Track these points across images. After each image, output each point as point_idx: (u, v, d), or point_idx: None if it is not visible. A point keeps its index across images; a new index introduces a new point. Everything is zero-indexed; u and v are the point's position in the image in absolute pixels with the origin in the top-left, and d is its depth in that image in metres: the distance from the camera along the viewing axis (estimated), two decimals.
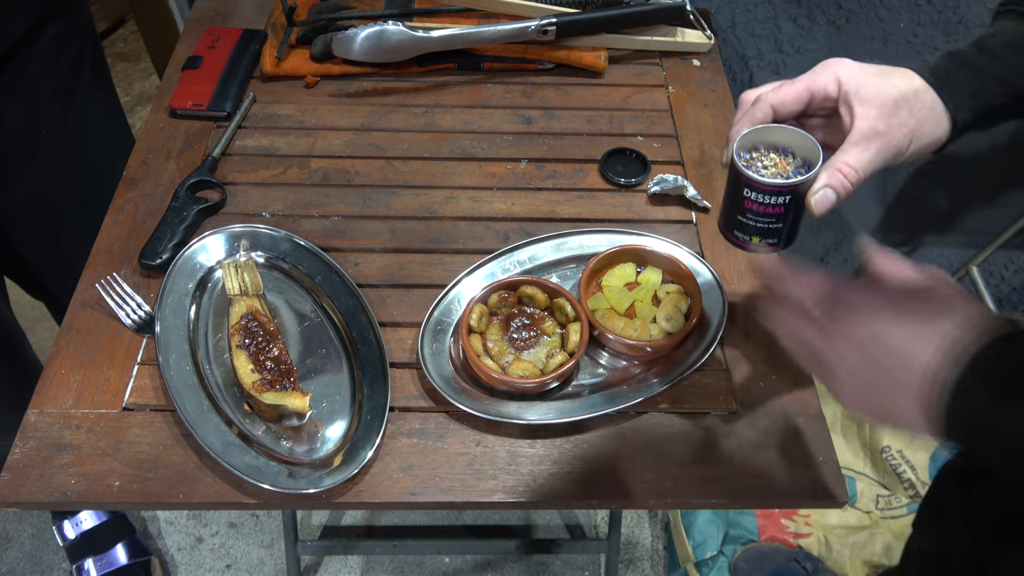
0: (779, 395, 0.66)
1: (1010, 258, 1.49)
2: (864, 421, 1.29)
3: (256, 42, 0.94)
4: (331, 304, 0.70)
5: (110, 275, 0.71)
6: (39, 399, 0.64)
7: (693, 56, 0.98)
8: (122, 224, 0.76)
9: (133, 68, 2.17)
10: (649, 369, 0.68)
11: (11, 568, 1.29)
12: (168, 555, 1.32)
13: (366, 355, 0.66)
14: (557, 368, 0.63)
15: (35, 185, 0.88)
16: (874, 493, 1.30)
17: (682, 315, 0.68)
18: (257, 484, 0.58)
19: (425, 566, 1.30)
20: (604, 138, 0.88)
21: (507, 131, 0.88)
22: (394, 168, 0.84)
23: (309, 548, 1.26)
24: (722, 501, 0.61)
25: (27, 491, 0.59)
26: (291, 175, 0.82)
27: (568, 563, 1.31)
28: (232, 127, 0.85)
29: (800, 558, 1.20)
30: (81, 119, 0.91)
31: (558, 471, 0.62)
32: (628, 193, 0.82)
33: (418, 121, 0.89)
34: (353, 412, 0.64)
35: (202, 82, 0.88)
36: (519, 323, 0.68)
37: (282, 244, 0.74)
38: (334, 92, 0.92)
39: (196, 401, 0.62)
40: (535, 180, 0.83)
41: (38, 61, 0.82)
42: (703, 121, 0.90)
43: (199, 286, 0.70)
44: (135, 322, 0.69)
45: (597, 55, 0.93)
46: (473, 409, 0.63)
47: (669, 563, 1.30)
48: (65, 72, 0.86)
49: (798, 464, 0.62)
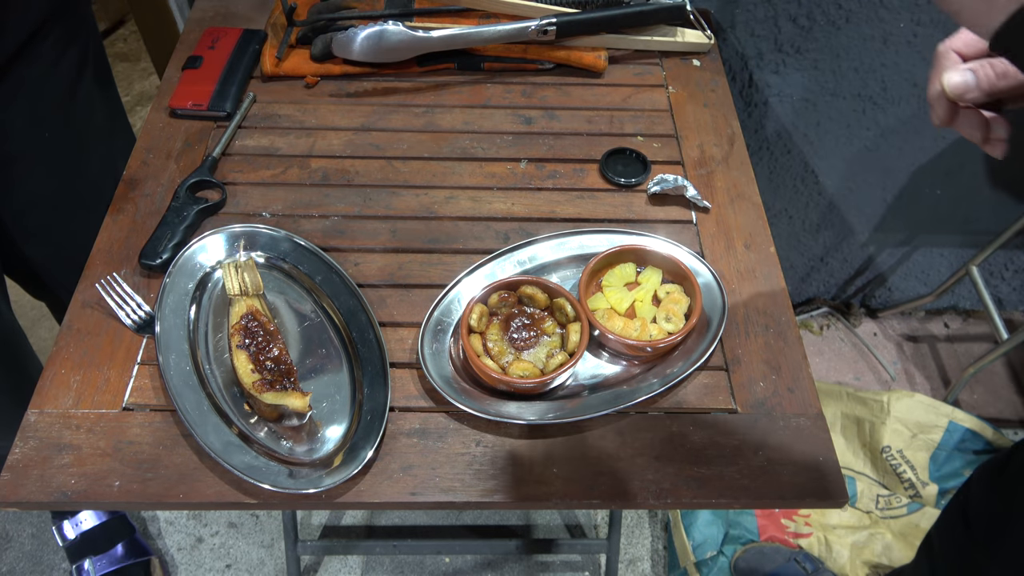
0: (779, 395, 0.67)
1: (1010, 258, 1.49)
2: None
3: (256, 42, 0.94)
4: (331, 304, 0.70)
5: (110, 275, 0.71)
6: (39, 399, 0.64)
7: (693, 56, 0.98)
8: (122, 224, 0.76)
9: (133, 68, 2.17)
10: (649, 369, 0.68)
11: (11, 568, 1.29)
12: (168, 555, 1.32)
13: (366, 355, 0.66)
14: (557, 368, 0.63)
15: (38, 185, 0.88)
16: (874, 493, 1.31)
17: (682, 315, 0.68)
18: (257, 484, 0.58)
19: (425, 566, 1.30)
20: (604, 138, 0.88)
21: (507, 131, 0.88)
22: (394, 168, 0.84)
23: (309, 548, 1.26)
24: (722, 501, 0.61)
25: (27, 491, 0.59)
26: (291, 175, 0.82)
27: (568, 563, 1.31)
28: (232, 127, 0.85)
29: (800, 558, 1.21)
30: (84, 120, 0.91)
31: (558, 471, 0.62)
32: (628, 193, 0.82)
33: (418, 121, 0.89)
34: (353, 412, 0.64)
35: (202, 82, 0.88)
36: (519, 323, 0.68)
37: (282, 244, 0.74)
38: (334, 92, 0.92)
39: (196, 401, 0.62)
40: (535, 180, 0.83)
41: (41, 63, 0.82)
42: (703, 121, 0.90)
43: (199, 286, 0.70)
44: (135, 322, 0.69)
45: (597, 55, 0.93)
46: (473, 409, 0.63)
47: (669, 563, 1.30)
48: (68, 74, 0.86)
49: (798, 464, 0.62)
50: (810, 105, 1.19)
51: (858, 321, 1.66)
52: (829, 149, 1.27)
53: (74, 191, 0.92)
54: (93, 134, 0.93)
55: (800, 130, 1.24)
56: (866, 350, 1.62)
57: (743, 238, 0.78)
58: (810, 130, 1.24)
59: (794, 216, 1.42)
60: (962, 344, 1.64)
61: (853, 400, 1.39)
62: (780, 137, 1.25)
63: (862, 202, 1.37)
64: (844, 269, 1.55)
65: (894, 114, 1.19)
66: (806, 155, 1.28)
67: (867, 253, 1.50)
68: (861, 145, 1.26)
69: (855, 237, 1.45)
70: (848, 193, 1.36)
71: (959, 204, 1.36)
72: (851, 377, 1.58)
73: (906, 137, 1.23)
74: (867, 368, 1.59)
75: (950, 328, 1.67)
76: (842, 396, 1.40)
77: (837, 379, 1.57)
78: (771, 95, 1.18)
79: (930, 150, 1.25)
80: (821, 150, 1.27)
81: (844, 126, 1.23)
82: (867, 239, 1.46)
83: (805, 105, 1.19)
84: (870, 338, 1.64)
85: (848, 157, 1.28)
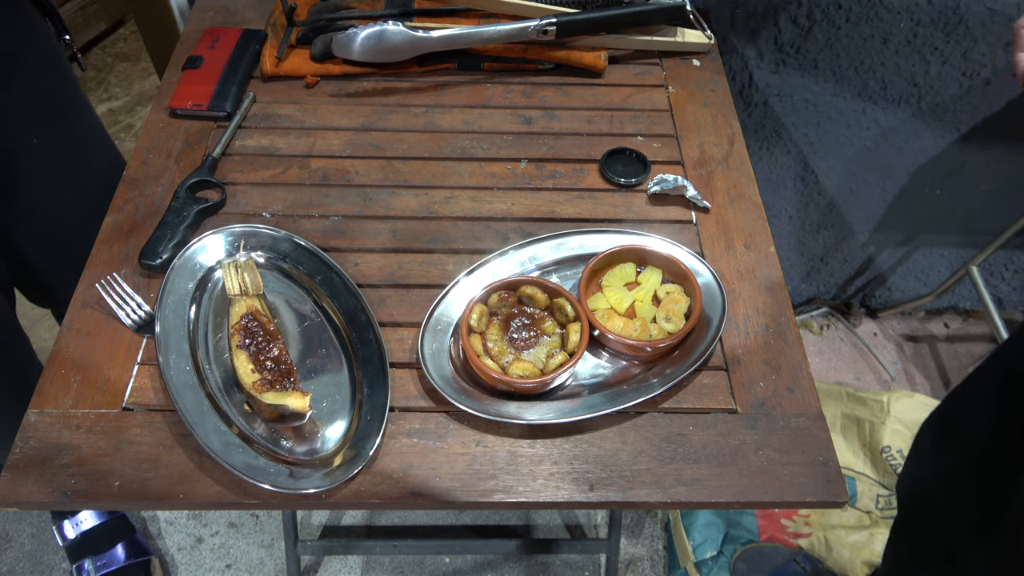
0: (779, 395, 0.67)
1: (1010, 258, 1.49)
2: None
3: (256, 42, 0.94)
4: (331, 304, 0.70)
5: (110, 275, 0.71)
6: (39, 399, 0.64)
7: (693, 56, 0.98)
8: (122, 224, 0.76)
9: (133, 68, 2.17)
10: (649, 369, 0.68)
11: (11, 568, 1.29)
12: (168, 555, 1.32)
13: (366, 355, 0.66)
14: (557, 368, 0.63)
15: (38, 195, 0.89)
16: (874, 493, 1.31)
17: (682, 315, 0.68)
18: (257, 484, 0.58)
19: (425, 566, 1.30)
20: (604, 138, 0.88)
21: (507, 131, 0.88)
22: (394, 168, 0.84)
23: (309, 548, 1.26)
24: (722, 501, 0.61)
25: (27, 491, 0.59)
26: (291, 175, 0.82)
27: (568, 563, 1.31)
28: (232, 127, 0.85)
29: (800, 558, 1.21)
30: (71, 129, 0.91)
31: (558, 471, 0.62)
32: (628, 193, 0.82)
33: (418, 121, 0.89)
34: (353, 412, 0.64)
35: (202, 82, 0.88)
36: (519, 323, 0.68)
37: (282, 244, 0.74)
38: (334, 92, 0.92)
39: (196, 401, 0.62)
40: (535, 180, 0.83)
41: (15, 86, 0.83)
42: (703, 121, 0.90)
43: (199, 286, 0.70)
44: (135, 322, 0.69)
45: (597, 55, 0.93)
46: (473, 409, 0.63)
47: (669, 563, 1.30)
48: (44, 89, 0.87)
49: (798, 464, 0.62)
50: (810, 105, 1.19)
51: (858, 321, 1.66)
52: (829, 149, 1.27)
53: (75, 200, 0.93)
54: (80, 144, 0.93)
55: (800, 130, 1.24)
56: (866, 350, 1.62)
57: (743, 238, 0.78)
58: (810, 130, 1.24)
59: (794, 216, 1.42)
60: (962, 344, 1.64)
61: (853, 400, 1.39)
62: (780, 137, 1.25)
63: (862, 202, 1.37)
64: (844, 269, 1.55)
65: (894, 114, 1.19)
66: (806, 155, 1.29)
67: (867, 253, 1.50)
68: (861, 145, 1.26)
69: (855, 237, 1.45)
70: (848, 193, 1.36)
71: (959, 204, 1.36)
72: (851, 377, 1.58)
73: (906, 137, 1.23)
74: (867, 368, 1.59)
75: (950, 328, 1.67)
76: (842, 396, 1.40)
77: (837, 379, 1.57)
78: (771, 95, 1.18)
79: (930, 150, 1.25)
80: (821, 150, 1.27)
81: (844, 126, 1.23)
82: (867, 239, 1.46)
83: (805, 105, 1.19)
84: (870, 338, 1.64)
85: (848, 157, 1.28)
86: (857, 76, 1.14)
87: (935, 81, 1.13)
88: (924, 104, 1.17)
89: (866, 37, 1.08)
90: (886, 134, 1.23)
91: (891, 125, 1.21)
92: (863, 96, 1.17)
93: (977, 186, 1.32)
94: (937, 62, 1.10)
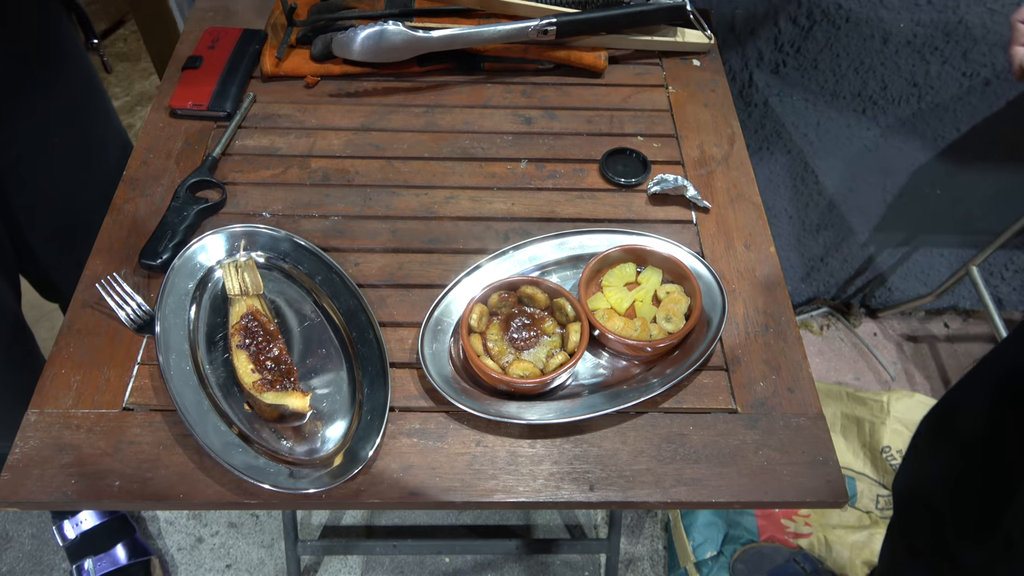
0: (779, 395, 0.67)
1: (1010, 258, 1.49)
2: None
3: (256, 42, 0.94)
4: (331, 304, 0.70)
5: (110, 275, 0.71)
6: (39, 399, 0.64)
7: (693, 56, 0.98)
8: (122, 224, 0.76)
9: (133, 68, 2.17)
10: (649, 369, 0.68)
11: (11, 568, 1.29)
12: (168, 555, 1.32)
13: (366, 355, 0.66)
14: (557, 368, 0.63)
15: (50, 191, 0.89)
16: (874, 493, 1.31)
17: (682, 315, 0.68)
18: (257, 484, 0.58)
19: (425, 566, 1.30)
20: (604, 138, 0.88)
21: (507, 131, 0.88)
22: (394, 168, 0.84)
23: (309, 548, 1.26)
24: (722, 501, 0.61)
25: (27, 491, 0.59)
26: (291, 175, 0.82)
27: (568, 563, 1.31)
28: (232, 127, 0.85)
29: (800, 558, 1.21)
30: (86, 128, 0.91)
31: (558, 471, 0.62)
32: (628, 193, 0.82)
33: (418, 121, 0.89)
34: (353, 412, 0.64)
35: (202, 82, 0.88)
36: (519, 323, 0.68)
37: (282, 244, 0.74)
38: (334, 92, 0.92)
39: (196, 401, 0.62)
40: (535, 180, 0.83)
41: (41, 93, 0.84)
42: (703, 121, 0.90)
43: (199, 286, 0.70)
44: (135, 322, 0.69)
45: (597, 55, 0.93)
46: (473, 409, 0.63)
47: (669, 563, 1.30)
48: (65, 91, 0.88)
49: (798, 464, 0.62)
50: (810, 105, 1.19)
51: (858, 321, 1.66)
52: (829, 149, 1.27)
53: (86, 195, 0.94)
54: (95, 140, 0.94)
55: (800, 130, 1.24)
56: (866, 350, 1.62)
57: (743, 238, 0.78)
58: (810, 130, 1.24)
59: (794, 216, 1.42)
60: (962, 344, 1.64)
61: (853, 400, 1.39)
62: (780, 137, 1.25)
63: (862, 202, 1.37)
64: (844, 269, 1.55)
65: (894, 114, 1.19)
66: (806, 155, 1.29)
67: (867, 253, 1.50)
68: (861, 145, 1.26)
69: (855, 237, 1.45)
70: (848, 193, 1.36)
71: (959, 204, 1.36)
72: (851, 377, 1.58)
73: (906, 137, 1.23)
74: (867, 368, 1.59)
75: (950, 328, 1.67)
76: (842, 396, 1.40)
77: (837, 379, 1.57)
78: (771, 95, 1.18)
79: (930, 150, 1.25)
80: (821, 150, 1.27)
81: (844, 126, 1.23)
82: (867, 239, 1.46)
83: (805, 105, 1.19)
84: (870, 338, 1.64)
85: (848, 157, 1.28)
86: (857, 76, 1.14)
87: (935, 81, 1.13)
88: (924, 104, 1.17)
89: (866, 37, 1.08)
90: (886, 134, 1.23)
91: (891, 125, 1.21)
92: (863, 96, 1.17)
93: (977, 186, 1.32)
94: (937, 62, 1.10)
